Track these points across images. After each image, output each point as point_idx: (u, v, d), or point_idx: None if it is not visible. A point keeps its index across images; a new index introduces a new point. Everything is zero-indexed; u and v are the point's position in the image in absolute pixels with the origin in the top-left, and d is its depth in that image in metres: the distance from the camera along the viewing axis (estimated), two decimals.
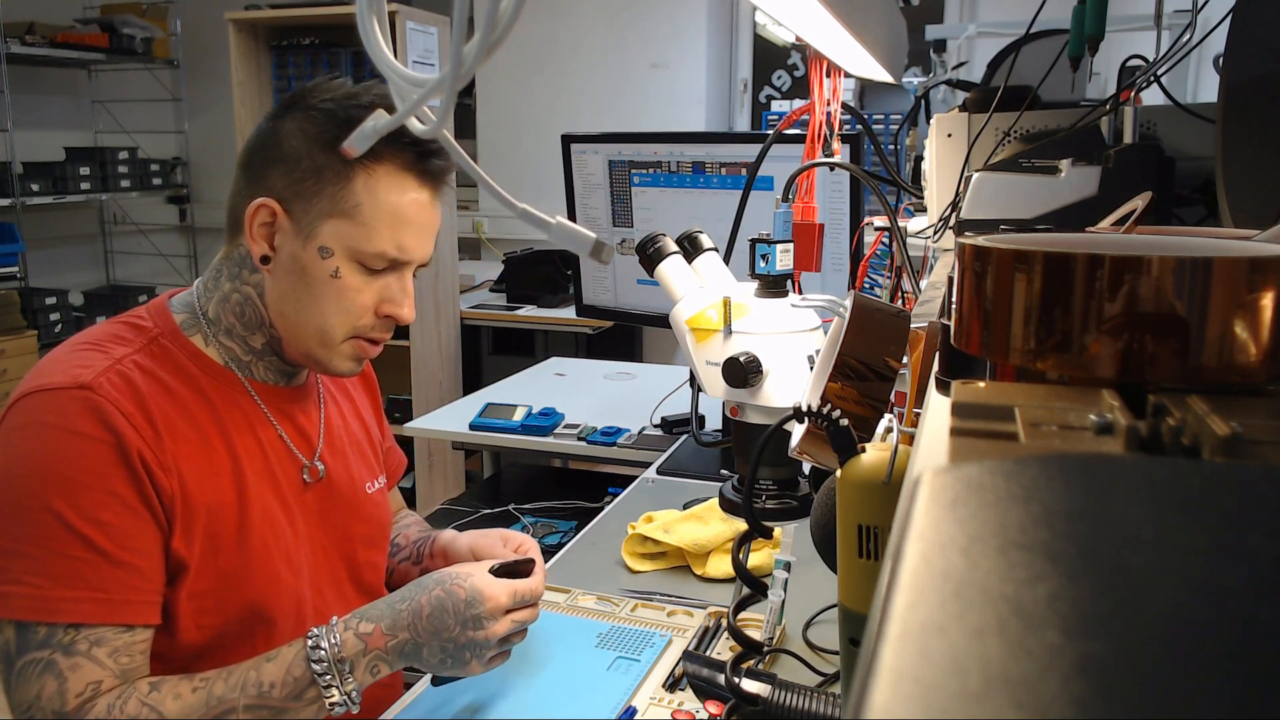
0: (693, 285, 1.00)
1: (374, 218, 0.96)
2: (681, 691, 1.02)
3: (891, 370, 0.67)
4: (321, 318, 0.98)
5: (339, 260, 0.96)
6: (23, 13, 4.23)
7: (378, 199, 0.96)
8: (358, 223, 0.95)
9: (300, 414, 1.07)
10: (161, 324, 0.99)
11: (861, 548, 0.51)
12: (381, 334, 1.02)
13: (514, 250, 3.96)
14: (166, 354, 0.97)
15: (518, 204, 0.46)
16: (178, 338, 0.99)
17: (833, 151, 1.27)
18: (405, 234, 0.97)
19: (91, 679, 0.87)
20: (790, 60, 4.27)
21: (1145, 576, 0.18)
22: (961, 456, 0.28)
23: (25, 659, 0.86)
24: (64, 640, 0.86)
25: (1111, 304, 0.32)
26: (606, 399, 2.23)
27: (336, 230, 0.95)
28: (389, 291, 0.99)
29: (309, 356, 1.01)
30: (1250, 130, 0.74)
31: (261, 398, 1.02)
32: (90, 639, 0.87)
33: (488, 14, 0.36)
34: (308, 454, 1.06)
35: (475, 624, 0.94)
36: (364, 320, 0.99)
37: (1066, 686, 0.14)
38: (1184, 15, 1.16)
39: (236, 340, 1.01)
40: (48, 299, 4.17)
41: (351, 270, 0.97)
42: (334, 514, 1.09)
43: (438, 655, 0.94)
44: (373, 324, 1.00)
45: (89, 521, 0.86)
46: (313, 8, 3.20)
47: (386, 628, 0.94)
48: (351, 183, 0.95)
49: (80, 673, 0.86)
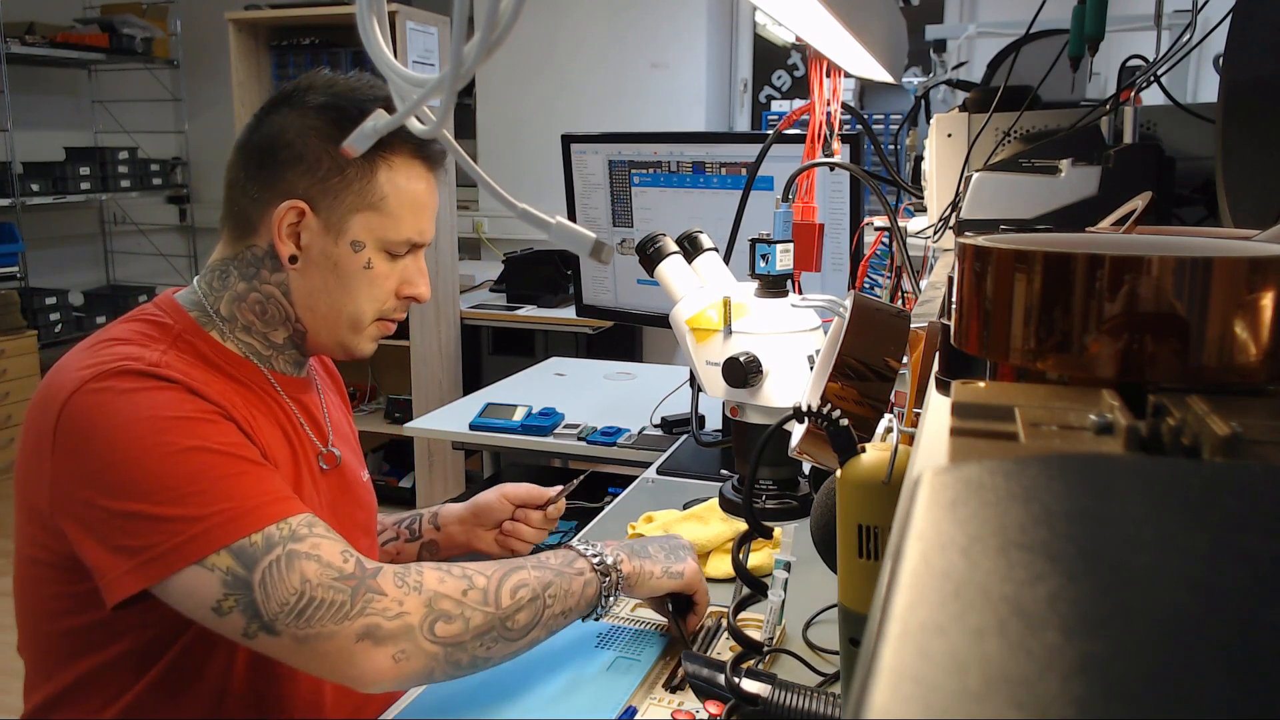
0: (693, 285, 1.00)
1: (399, 207, 1.00)
2: (681, 691, 1.02)
3: (891, 370, 0.67)
4: (354, 306, 1.02)
5: (370, 252, 1.00)
6: (23, 13, 4.23)
7: (400, 189, 1.00)
8: (385, 213, 0.99)
9: (312, 404, 1.09)
10: (181, 321, 0.99)
11: (861, 548, 0.51)
12: (401, 314, 1.07)
13: (514, 250, 3.96)
14: (193, 349, 0.98)
15: (518, 204, 0.46)
16: (199, 333, 0.99)
17: (833, 151, 1.27)
18: (423, 218, 1.03)
19: (340, 548, 0.87)
20: (790, 60, 4.28)
21: (1145, 576, 0.18)
22: (961, 456, 0.28)
23: (261, 567, 0.83)
24: (284, 534, 0.85)
25: (1111, 304, 0.32)
26: (606, 399, 2.23)
27: (367, 223, 0.99)
28: (408, 274, 1.04)
29: (339, 344, 1.04)
30: (1250, 130, 0.74)
31: (283, 388, 1.04)
32: (305, 523, 0.87)
33: (488, 14, 0.36)
34: (323, 442, 1.09)
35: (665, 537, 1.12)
36: (389, 304, 1.04)
37: (1066, 686, 0.14)
38: (1184, 15, 1.16)
39: (256, 336, 1.02)
40: (48, 299, 4.17)
41: (381, 259, 1.01)
42: (343, 501, 1.10)
43: (666, 552, 1.08)
44: (395, 305, 1.05)
45: (223, 445, 0.88)
46: (313, 8, 3.20)
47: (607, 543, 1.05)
48: (375, 176, 0.99)
49: (324, 548, 0.86)
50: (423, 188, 1.02)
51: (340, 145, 0.94)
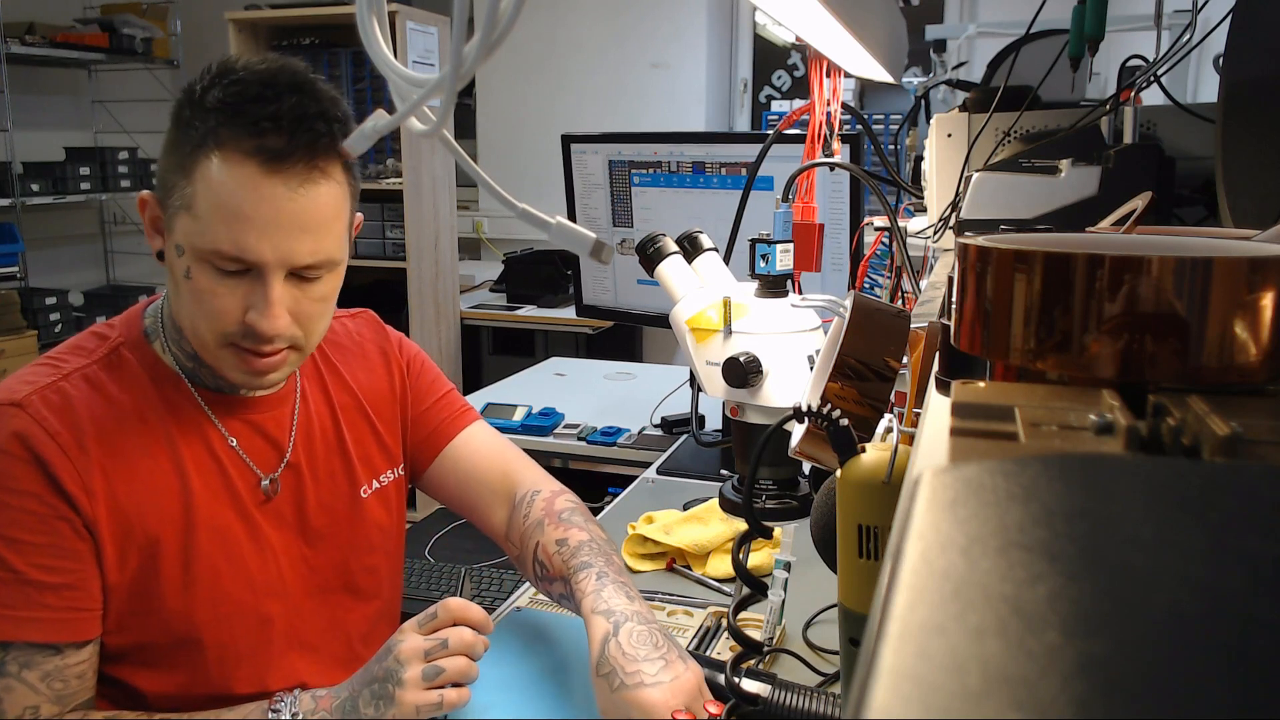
0: (693, 285, 1.00)
1: (207, 211, 0.85)
2: None
3: (891, 370, 0.67)
4: (190, 321, 0.91)
5: (189, 260, 0.87)
6: (23, 13, 4.23)
7: (212, 189, 0.84)
8: (194, 216, 0.85)
9: (269, 421, 1.01)
10: (127, 332, 0.96)
11: (861, 548, 0.51)
12: (254, 344, 0.89)
13: (514, 250, 3.96)
14: (123, 365, 0.94)
15: (518, 204, 0.46)
16: (139, 346, 0.96)
17: (833, 151, 1.27)
18: (244, 231, 0.84)
19: (28, 703, 0.85)
20: (790, 60, 4.28)
21: (1145, 576, 0.18)
22: (961, 456, 0.28)
23: None
24: None
25: (1111, 304, 0.32)
26: (606, 399, 2.23)
27: (183, 225, 0.86)
28: (251, 297, 0.87)
29: (211, 367, 0.94)
30: (1250, 130, 0.74)
31: (214, 406, 0.97)
32: (19, 661, 0.85)
33: (488, 14, 0.36)
34: (274, 460, 1.01)
35: (385, 652, 0.91)
36: (231, 327, 0.89)
37: (1066, 686, 0.14)
38: (1184, 15, 1.16)
39: (182, 347, 0.96)
40: (48, 299, 4.17)
41: (202, 270, 0.87)
42: (315, 522, 1.03)
43: (370, 701, 0.89)
44: (241, 332, 0.89)
45: (1, 539, 0.84)
46: (313, 8, 3.20)
47: (334, 692, 0.92)
48: (194, 170, 0.85)
49: (14, 695, 0.84)
50: (241, 192, 0.83)
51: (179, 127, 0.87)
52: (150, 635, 0.93)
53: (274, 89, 0.86)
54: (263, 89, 0.85)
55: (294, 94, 0.86)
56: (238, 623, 0.97)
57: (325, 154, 0.87)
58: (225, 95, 0.85)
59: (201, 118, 0.85)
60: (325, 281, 0.92)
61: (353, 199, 0.94)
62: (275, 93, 0.85)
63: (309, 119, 0.85)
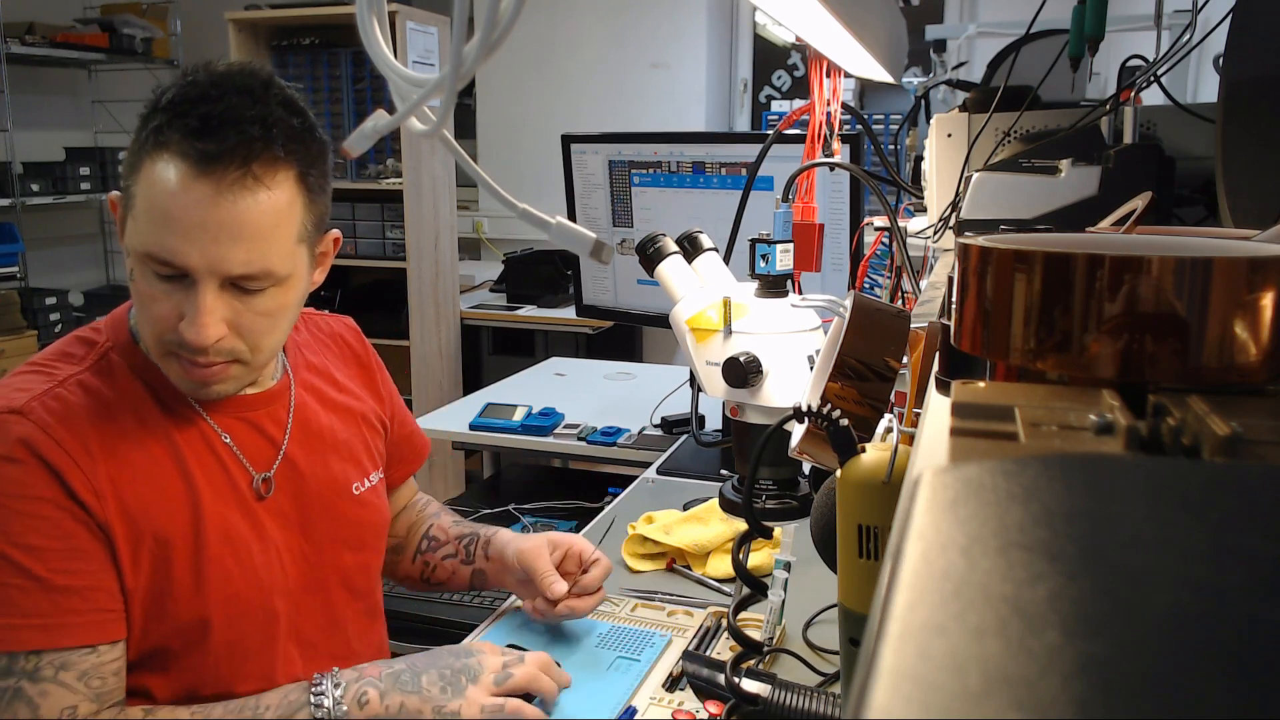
0: (693, 285, 1.00)
1: (143, 211, 0.84)
2: (681, 691, 1.01)
3: (891, 370, 0.67)
4: (140, 325, 0.91)
5: (132, 261, 0.86)
6: (23, 13, 4.23)
7: (150, 189, 0.83)
8: (134, 216, 0.85)
9: (264, 417, 1.01)
10: (114, 335, 0.95)
11: (861, 548, 0.51)
12: (196, 356, 0.87)
13: (514, 250, 3.96)
14: (114, 370, 0.93)
15: (518, 204, 0.46)
16: (128, 349, 0.94)
17: (833, 151, 1.27)
18: (169, 234, 0.82)
19: (65, 704, 0.85)
20: (790, 60, 4.28)
21: (1145, 576, 0.18)
22: (961, 456, 0.28)
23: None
24: (27, 667, 0.83)
25: (1111, 304, 0.32)
26: (606, 399, 2.23)
27: (129, 226, 0.86)
28: (184, 305, 0.85)
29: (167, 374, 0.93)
30: (1250, 130, 0.74)
31: (209, 406, 0.97)
32: (55, 664, 0.85)
33: (488, 14, 0.36)
34: (268, 459, 1.01)
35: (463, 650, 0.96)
36: (168, 334, 0.87)
37: (1066, 686, 0.14)
38: (1184, 15, 1.16)
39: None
40: (48, 299, 4.17)
41: (143, 274, 0.86)
42: (313, 518, 1.04)
43: (436, 681, 0.93)
44: (177, 341, 0.87)
45: (19, 548, 0.84)
46: (313, 8, 3.20)
47: (381, 663, 0.95)
48: (139, 171, 0.85)
49: (51, 699, 0.84)
50: (171, 193, 0.82)
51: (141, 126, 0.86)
52: (162, 639, 0.93)
53: (220, 90, 0.84)
54: (209, 89, 0.84)
55: (239, 96, 0.84)
56: (247, 621, 0.97)
57: (262, 160, 0.84)
58: (175, 95, 0.85)
59: (154, 117, 0.85)
60: (270, 295, 0.89)
61: (311, 211, 0.91)
62: (220, 93, 0.84)
63: (243, 122, 0.83)
